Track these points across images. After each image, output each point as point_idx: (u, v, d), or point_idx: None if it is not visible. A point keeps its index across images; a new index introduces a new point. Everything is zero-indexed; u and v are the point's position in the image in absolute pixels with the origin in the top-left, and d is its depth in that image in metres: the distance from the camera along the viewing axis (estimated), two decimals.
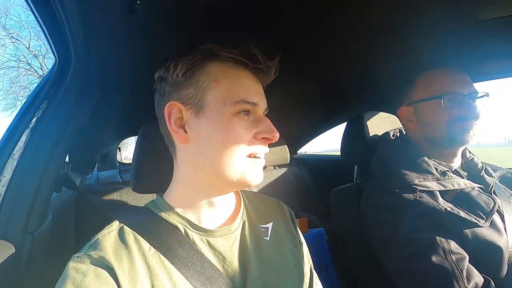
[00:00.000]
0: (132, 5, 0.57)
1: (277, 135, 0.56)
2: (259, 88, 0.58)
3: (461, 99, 0.84)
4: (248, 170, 0.54)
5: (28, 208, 0.70)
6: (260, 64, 0.55)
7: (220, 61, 0.55)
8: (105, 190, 1.51)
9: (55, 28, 0.65)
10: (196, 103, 0.54)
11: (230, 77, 0.55)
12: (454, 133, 0.84)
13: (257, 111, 0.56)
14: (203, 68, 0.55)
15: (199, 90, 0.54)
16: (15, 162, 0.71)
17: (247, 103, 0.54)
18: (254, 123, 0.55)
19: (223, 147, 0.52)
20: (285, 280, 0.59)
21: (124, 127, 1.65)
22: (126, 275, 0.47)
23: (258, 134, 0.55)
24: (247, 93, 0.54)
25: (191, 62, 0.54)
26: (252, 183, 0.55)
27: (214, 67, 0.55)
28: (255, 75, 0.58)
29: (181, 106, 0.55)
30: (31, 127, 0.73)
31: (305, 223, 1.39)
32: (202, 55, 0.54)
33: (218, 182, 0.55)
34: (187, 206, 0.57)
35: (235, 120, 0.53)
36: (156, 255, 0.51)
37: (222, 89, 0.54)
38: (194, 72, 0.54)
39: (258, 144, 0.55)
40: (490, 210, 0.75)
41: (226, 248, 0.56)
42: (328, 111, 1.77)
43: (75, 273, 0.45)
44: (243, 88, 0.55)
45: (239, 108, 0.53)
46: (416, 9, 0.78)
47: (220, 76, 0.54)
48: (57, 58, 0.75)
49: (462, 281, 0.66)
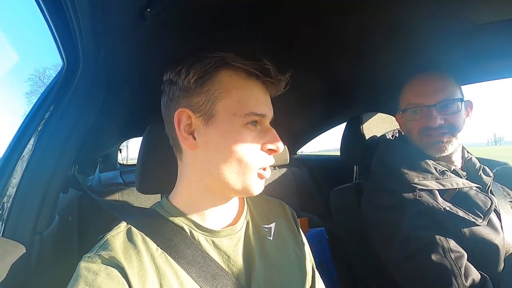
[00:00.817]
0: (142, 12, 0.59)
1: (281, 147, 0.57)
2: (268, 99, 0.59)
3: (425, 110, 0.87)
4: (255, 181, 0.56)
5: (37, 209, 0.71)
6: (271, 78, 0.56)
7: (232, 70, 0.55)
8: (107, 191, 1.52)
9: (65, 33, 0.67)
10: (206, 112, 0.54)
11: (242, 88, 0.55)
12: (424, 144, 0.89)
13: (264, 122, 0.57)
14: (215, 77, 0.54)
15: (209, 99, 0.54)
16: (25, 164, 0.72)
17: (256, 115, 0.54)
18: (261, 133, 0.56)
19: (232, 158, 0.53)
20: (288, 279, 0.60)
21: (127, 128, 1.65)
22: (136, 274, 0.48)
23: (264, 146, 0.56)
24: (256, 105, 0.55)
25: (203, 70, 0.54)
26: (255, 193, 0.57)
27: (225, 77, 0.55)
28: (265, 86, 0.58)
29: (191, 113, 0.54)
30: (40, 129, 0.75)
31: (305, 222, 1.41)
32: (214, 63, 0.54)
33: (223, 189, 0.56)
34: (192, 208, 0.59)
35: (244, 131, 0.54)
36: (163, 256, 0.52)
37: (232, 100, 0.54)
38: (205, 80, 0.54)
39: (266, 156, 0.57)
40: (488, 209, 0.77)
41: (231, 247, 0.58)
42: (327, 112, 1.79)
43: (87, 273, 0.46)
44: (253, 100, 0.55)
45: (248, 120, 0.54)
46: (414, 12, 0.80)
47: (231, 86, 0.54)
48: (65, 62, 0.77)
49: (460, 278, 0.68)
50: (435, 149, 0.87)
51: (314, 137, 2.18)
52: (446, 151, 0.87)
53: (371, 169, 0.99)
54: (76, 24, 0.59)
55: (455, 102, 0.86)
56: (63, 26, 0.65)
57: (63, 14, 0.59)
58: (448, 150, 0.86)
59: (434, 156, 0.88)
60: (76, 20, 0.58)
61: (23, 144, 0.73)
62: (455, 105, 0.86)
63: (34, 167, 0.72)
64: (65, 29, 0.65)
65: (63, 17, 0.61)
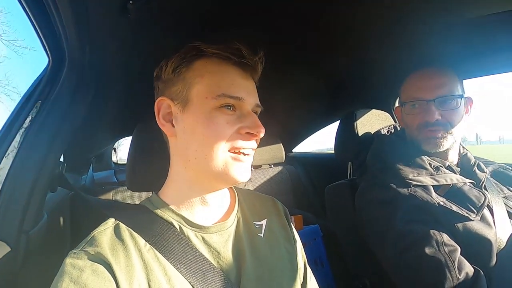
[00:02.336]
0: (124, 5, 0.58)
1: (262, 131, 0.55)
2: (247, 83, 0.58)
3: (424, 105, 0.86)
4: (231, 165, 0.54)
5: (23, 207, 0.70)
6: (244, 58, 0.56)
7: (207, 57, 0.56)
8: (101, 190, 1.51)
9: (48, 27, 0.65)
10: (182, 99, 0.55)
11: (214, 72, 0.55)
12: (420, 138, 0.89)
13: (243, 106, 0.56)
14: (190, 65, 0.56)
15: (185, 86, 0.55)
16: (10, 161, 0.71)
17: (229, 97, 0.54)
18: (239, 118, 0.55)
19: (204, 141, 0.53)
20: (279, 275, 0.60)
21: (119, 127, 1.64)
22: (123, 270, 0.47)
23: (242, 129, 0.55)
24: (230, 88, 0.54)
25: (179, 60, 0.56)
26: (236, 179, 0.55)
27: (200, 64, 0.56)
28: (243, 70, 0.58)
29: (170, 101, 0.57)
30: (25, 126, 0.73)
31: (300, 220, 1.41)
32: (189, 52, 0.56)
33: (204, 176, 0.56)
34: (181, 203, 0.58)
35: (216, 114, 0.54)
36: (151, 251, 0.52)
37: (205, 84, 0.55)
38: (181, 69, 0.56)
39: (242, 139, 0.55)
40: (481, 204, 0.77)
41: (221, 244, 0.57)
42: (323, 109, 1.79)
43: (72, 269, 0.45)
44: (226, 82, 0.55)
45: (221, 103, 0.53)
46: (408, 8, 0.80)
47: (204, 71, 0.55)
48: (50, 57, 0.75)
49: (454, 272, 0.68)
50: (431, 144, 0.87)
51: (310, 134, 2.18)
52: (442, 147, 0.86)
53: (366, 165, 0.99)
54: (57, 17, 0.58)
55: (455, 98, 0.86)
56: (45, 20, 0.63)
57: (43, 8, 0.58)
58: (443, 146, 0.86)
59: (430, 151, 0.88)
60: (57, 13, 0.57)
61: (8, 141, 0.72)
62: (454, 102, 0.86)
63: (20, 165, 0.71)
64: (47, 24, 0.64)
65: (44, 10, 0.59)
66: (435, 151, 0.87)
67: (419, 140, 0.89)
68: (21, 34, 9.09)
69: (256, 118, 0.57)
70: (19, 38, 8.94)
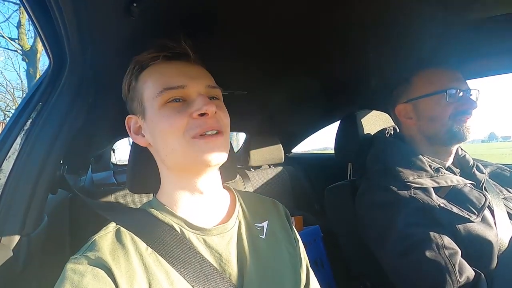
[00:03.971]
0: (127, 7, 0.58)
1: (210, 108, 0.54)
2: (189, 69, 0.59)
3: (462, 94, 0.86)
4: (198, 149, 0.54)
5: (25, 210, 0.69)
6: (173, 48, 0.58)
7: (149, 66, 0.59)
8: (100, 191, 1.50)
9: (50, 29, 0.65)
10: (140, 109, 0.59)
11: (153, 74, 0.58)
12: (454, 129, 0.86)
13: (189, 94, 0.56)
14: (138, 78, 0.60)
15: (138, 98, 0.59)
16: (11, 164, 0.70)
17: (170, 88, 0.55)
18: (189, 104, 0.55)
19: (165, 136, 0.55)
20: (281, 277, 0.60)
21: (118, 128, 1.63)
22: (124, 275, 0.47)
23: (193, 113, 0.54)
24: (169, 80, 0.56)
25: (128, 78, 0.62)
26: (209, 162, 0.54)
27: (145, 75, 0.59)
28: (179, 61, 0.59)
29: (135, 117, 0.61)
30: (26, 129, 0.73)
31: (300, 221, 1.41)
32: (133, 68, 0.61)
33: (182, 169, 0.58)
34: (176, 202, 0.59)
35: (164, 109, 0.55)
36: (153, 255, 0.52)
37: (149, 87, 0.57)
38: (132, 85, 0.61)
39: (198, 122, 0.54)
40: (482, 205, 0.78)
41: (222, 246, 0.57)
42: (322, 110, 1.79)
43: (73, 274, 0.45)
44: (165, 78, 0.56)
45: (165, 98, 0.55)
46: (408, 9, 0.80)
47: (147, 78, 0.58)
48: (52, 59, 0.75)
49: (455, 275, 0.68)
50: (467, 133, 0.86)
51: (309, 135, 2.18)
52: (469, 138, 0.86)
53: (366, 167, 0.99)
54: (60, 19, 0.58)
55: (478, 93, 0.88)
56: (47, 22, 0.63)
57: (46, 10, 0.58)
58: (470, 137, 0.87)
59: (463, 140, 0.87)
60: (60, 15, 0.56)
61: (9, 143, 0.71)
62: (477, 96, 0.88)
63: (21, 167, 0.70)
64: (49, 25, 0.63)
65: (46, 13, 0.59)
66: (466, 140, 0.87)
67: (453, 130, 0.86)
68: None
69: (204, 97, 0.55)
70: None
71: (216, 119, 0.56)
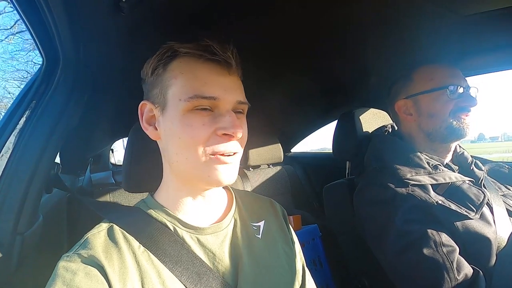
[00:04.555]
0: (117, 3, 0.57)
1: (238, 131, 0.52)
2: (224, 80, 0.54)
3: (462, 91, 0.86)
4: (213, 168, 0.52)
5: (18, 209, 0.69)
6: (217, 55, 0.52)
7: (181, 57, 0.54)
8: (98, 191, 1.50)
9: (41, 27, 0.65)
10: (161, 102, 0.54)
11: (187, 72, 0.53)
12: (454, 125, 0.85)
13: (219, 106, 0.53)
14: (167, 67, 0.55)
15: (162, 89, 0.54)
16: (4, 163, 0.70)
17: (202, 97, 0.51)
18: (216, 118, 0.52)
19: (183, 144, 0.52)
20: (276, 277, 0.59)
21: (115, 128, 1.63)
22: (116, 273, 0.47)
23: (218, 130, 0.51)
24: (203, 87, 0.51)
25: (156, 61, 0.55)
26: (220, 182, 0.53)
27: (175, 65, 0.54)
28: (218, 67, 0.54)
29: (151, 105, 0.56)
30: (20, 127, 0.72)
31: (299, 220, 1.40)
32: (165, 53, 0.55)
33: (188, 179, 0.56)
34: (175, 204, 0.58)
35: (190, 116, 0.51)
36: (145, 253, 0.51)
37: (178, 86, 0.52)
38: (159, 71, 0.55)
39: (220, 141, 0.52)
40: (480, 202, 0.77)
41: (216, 245, 0.56)
42: (320, 109, 1.79)
43: (65, 272, 0.45)
44: (198, 82, 0.52)
45: (194, 104, 0.51)
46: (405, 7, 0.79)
47: (178, 73, 0.53)
48: (44, 57, 0.75)
49: (453, 273, 0.67)
50: (467, 130, 0.86)
51: (308, 134, 2.18)
52: (468, 135, 0.86)
53: (364, 165, 0.98)
54: (50, 17, 0.57)
55: (478, 90, 0.87)
56: (38, 20, 0.63)
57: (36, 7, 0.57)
58: (469, 134, 0.86)
59: (462, 137, 0.87)
60: (50, 13, 0.56)
61: (2, 142, 0.71)
62: (477, 94, 0.87)
63: (14, 166, 0.70)
64: (40, 23, 0.63)
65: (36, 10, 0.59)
66: (465, 137, 0.87)
67: (452, 127, 0.86)
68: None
69: (234, 117, 0.53)
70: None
71: (237, 140, 0.54)
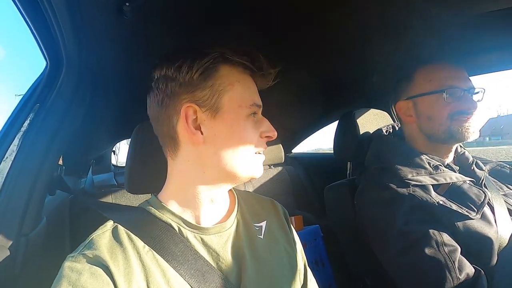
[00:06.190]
0: (120, 7, 0.58)
1: (276, 133, 0.61)
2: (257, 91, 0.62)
3: (461, 94, 0.84)
4: (255, 165, 0.59)
5: (22, 210, 0.69)
6: (263, 71, 0.60)
7: (231, 65, 0.57)
8: (100, 193, 1.50)
9: (45, 31, 0.65)
10: (212, 105, 0.55)
11: (242, 82, 0.58)
12: (453, 128, 0.84)
13: (259, 112, 0.61)
14: (216, 72, 0.56)
15: (214, 93, 0.55)
16: (8, 165, 0.70)
17: (256, 106, 0.58)
18: (258, 123, 0.60)
19: (239, 147, 0.56)
20: (279, 277, 0.60)
21: (117, 129, 1.63)
22: (122, 273, 0.47)
23: (263, 133, 0.59)
24: (255, 96, 0.60)
25: (205, 65, 0.55)
26: (257, 176, 0.60)
27: (225, 71, 0.57)
28: (263, 80, 0.62)
29: (197, 108, 0.55)
30: (24, 130, 0.73)
31: (300, 220, 1.40)
32: (215, 58, 0.56)
33: (227, 178, 0.58)
34: (185, 204, 0.58)
35: (247, 121, 0.57)
36: (150, 253, 0.52)
37: (236, 93, 0.57)
38: (208, 75, 0.55)
39: (262, 142, 0.60)
40: (481, 202, 0.77)
41: (220, 245, 0.57)
42: (321, 110, 1.79)
43: (70, 272, 0.45)
44: (252, 92, 0.59)
45: (251, 111, 0.57)
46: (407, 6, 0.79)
47: (234, 80, 0.57)
48: (48, 61, 0.75)
49: (454, 272, 0.68)
50: (466, 131, 0.84)
51: (309, 135, 2.18)
52: (473, 136, 0.84)
53: (365, 165, 0.99)
54: (54, 21, 0.58)
55: (483, 91, 0.86)
56: (41, 24, 0.63)
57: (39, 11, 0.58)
58: (474, 135, 0.84)
59: (462, 140, 0.85)
60: (54, 17, 0.56)
61: (6, 144, 0.72)
62: (481, 94, 0.86)
63: (18, 168, 0.71)
64: (44, 27, 0.64)
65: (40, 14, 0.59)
66: (467, 140, 0.85)
67: (451, 130, 0.84)
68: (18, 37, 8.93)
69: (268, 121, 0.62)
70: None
71: None
